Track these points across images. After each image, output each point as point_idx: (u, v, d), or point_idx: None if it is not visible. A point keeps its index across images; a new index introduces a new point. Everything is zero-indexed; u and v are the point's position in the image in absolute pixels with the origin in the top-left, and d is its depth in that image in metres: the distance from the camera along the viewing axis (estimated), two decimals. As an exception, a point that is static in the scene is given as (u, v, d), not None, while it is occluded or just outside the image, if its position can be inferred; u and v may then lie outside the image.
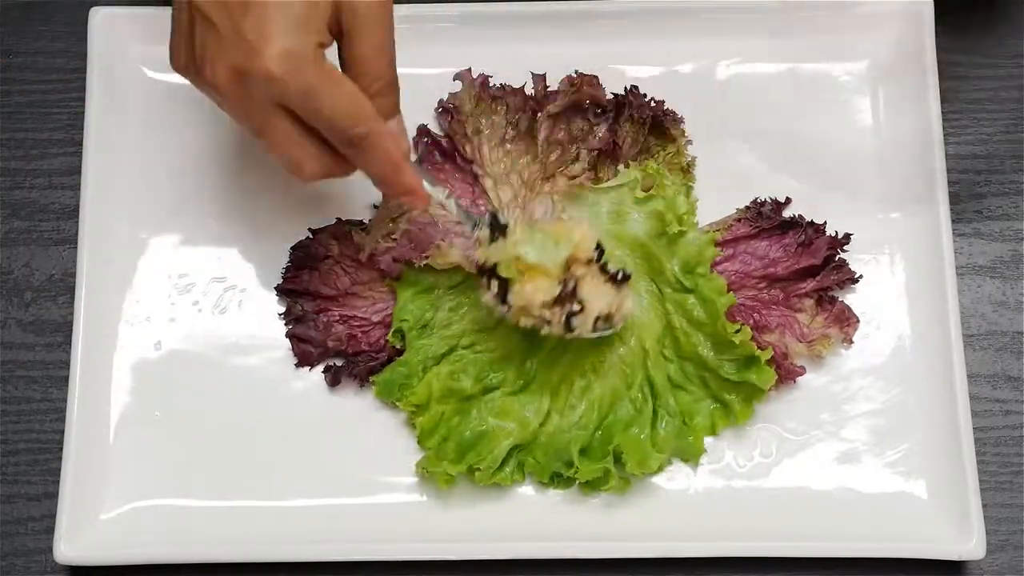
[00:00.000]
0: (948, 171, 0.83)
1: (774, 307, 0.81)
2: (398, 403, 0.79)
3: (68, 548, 0.76)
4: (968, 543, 0.76)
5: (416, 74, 0.85)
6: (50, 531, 0.77)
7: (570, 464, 0.78)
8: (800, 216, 0.82)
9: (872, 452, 0.80)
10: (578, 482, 0.78)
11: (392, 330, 0.81)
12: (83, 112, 0.83)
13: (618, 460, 0.77)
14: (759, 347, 0.78)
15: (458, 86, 0.84)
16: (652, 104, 0.83)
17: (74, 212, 0.84)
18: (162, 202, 0.84)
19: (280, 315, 0.82)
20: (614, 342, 0.80)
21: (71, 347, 0.80)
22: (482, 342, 0.81)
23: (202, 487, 0.79)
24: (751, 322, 0.80)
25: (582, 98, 0.83)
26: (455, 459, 0.77)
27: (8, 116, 0.87)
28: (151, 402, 0.81)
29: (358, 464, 0.80)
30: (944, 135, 0.83)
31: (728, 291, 0.79)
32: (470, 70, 0.84)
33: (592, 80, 0.83)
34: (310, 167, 0.69)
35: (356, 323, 0.81)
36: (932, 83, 0.83)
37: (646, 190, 0.81)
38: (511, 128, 0.83)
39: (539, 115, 0.83)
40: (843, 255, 0.82)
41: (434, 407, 0.79)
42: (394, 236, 0.81)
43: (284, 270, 0.82)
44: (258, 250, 0.83)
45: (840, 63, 0.86)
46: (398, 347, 0.81)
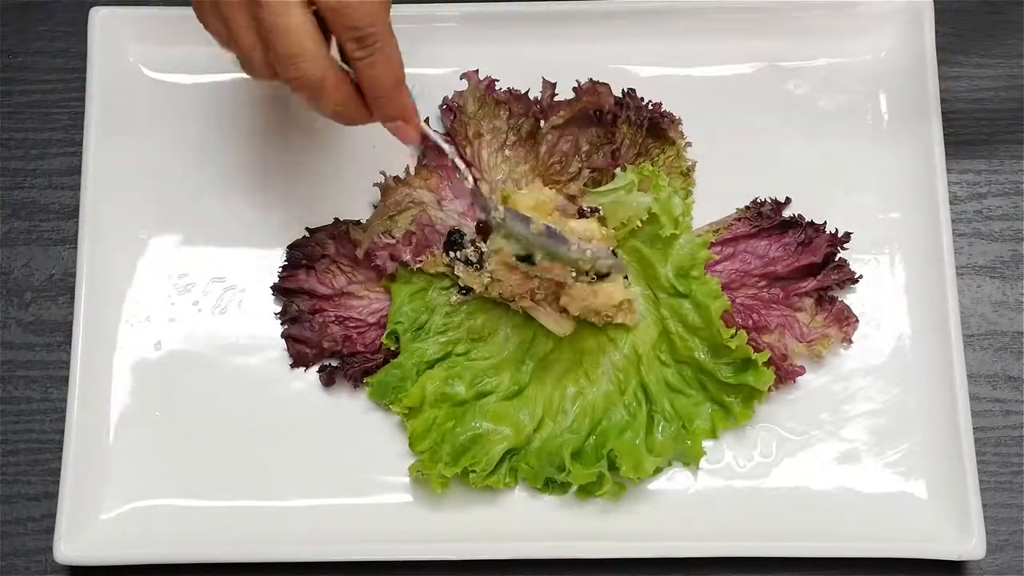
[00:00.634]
0: (948, 171, 0.83)
1: (774, 306, 0.81)
2: (391, 405, 0.80)
3: (68, 548, 0.76)
4: (968, 543, 0.76)
5: (418, 74, 0.85)
6: (50, 531, 0.77)
7: (562, 469, 0.78)
8: (800, 216, 0.82)
9: (872, 452, 0.80)
10: (573, 488, 0.78)
11: (386, 332, 0.81)
12: (83, 112, 0.83)
13: (612, 465, 0.77)
14: (758, 348, 0.78)
15: (463, 85, 0.84)
16: (650, 107, 0.83)
17: (74, 212, 0.84)
18: (162, 202, 0.84)
19: (276, 314, 0.82)
20: (607, 348, 0.80)
21: (71, 347, 0.80)
22: (476, 350, 0.81)
23: (202, 487, 0.79)
24: (750, 322, 0.80)
25: (586, 108, 0.83)
26: (449, 462, 0.77)
27: (8, 116, 0.87)
28: (151, 402, 0.81)
29: (357, 464, 0.80)
30: (944, 135, 0.83)
31: (724, 292, 0.78)
32: (477, 71, 0.84)
33: (596, 89, 0.82)
34: (315, 66, 0.67)
35: (352, 324, 0.81)
36: (932, 83, 0.83)
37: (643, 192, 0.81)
38: (512, 133, 0.83)
39: (542, 125, 0.83)
40: (843, 255, 0.82)
41: (427, 411, 0.79)
42: (392, 234, 0.81)
43: (280, 269, 0.82)
44: (258, 250, 0.83)
45: (840, 63, 0.86)
46: (392, 349, 0.81)
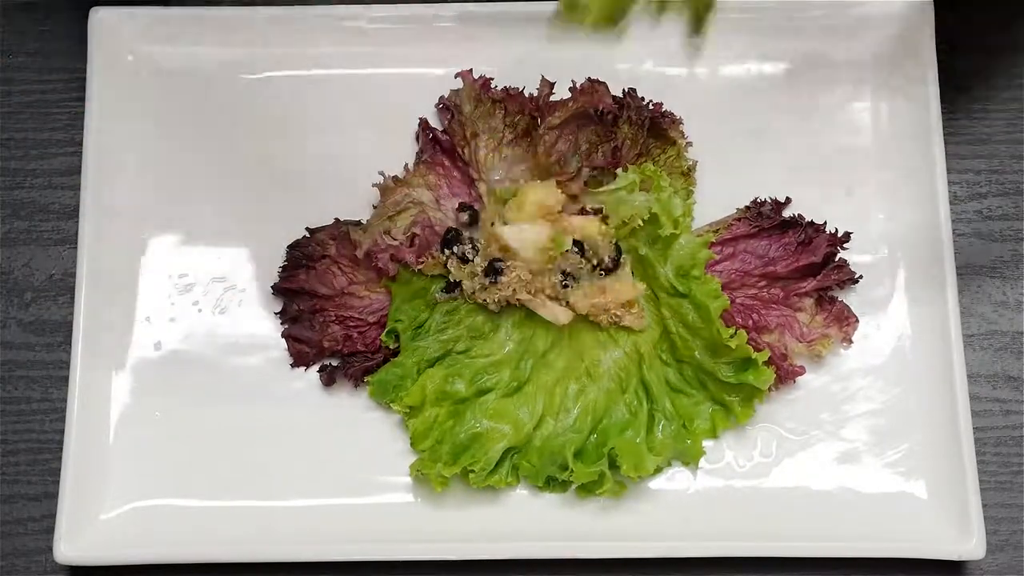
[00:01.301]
0: (948, 171, 0.83)
1: (774, 306, 0.81)
2: (392, 404, 0.80)
3: (68, 548, 0.76)
4: (968, 543, 0.76)
5: (417, 74, 0.86)
6: (50, 531, 0.77)
7: (564, 467, 0.78)
8: (800, 216, 0.82)
9: (872, 452, 0.80)
10: (574, 487, 0.78)
11: (386, 330, 0.81)
12: (83, 112, 0.83)
13: (613, 464, 0.77)
14: (758, 347, 0.78)
15: (459, 84, 0.84)
16: (650, 106, 0.83)
17: (74, 212, 0.84)
18: (162, 202, 0.84)
19: (276, 314, 0.82)
20: (609, 346, 0.80)
21: (71, 347, 0.80)
22: (477, 347, 0.81)
23: (202, 487, 0.79)
24: (750, 322, 0.80)
25: (584, 107, 0.83)
26: (449, 461, 0.77)
27: (8, 116, 0.87)
28: (151, 402, 0.81)
29: (357, 464, 0.80)
30: (944, 135, 0.83)
31: (724, 292, 0.79)
32: (471, 71, 0.84)
33: (594, 88, 0.82)
34: None
35: (352, 323, 0.81)
36: (932, 83, 0.83)
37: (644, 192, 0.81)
38: (509, 131, 0.83)
39: (540, 124, 0.83)
40: (843, 255, 0.82)
41: (428, 409, 0.79)
42: (392, 235, 0.81)
43: (281, 269, 0.82)
44: (258, 250, 0.83)
45: (840, 62, 0.86)
46: (392, 348, 0.81)
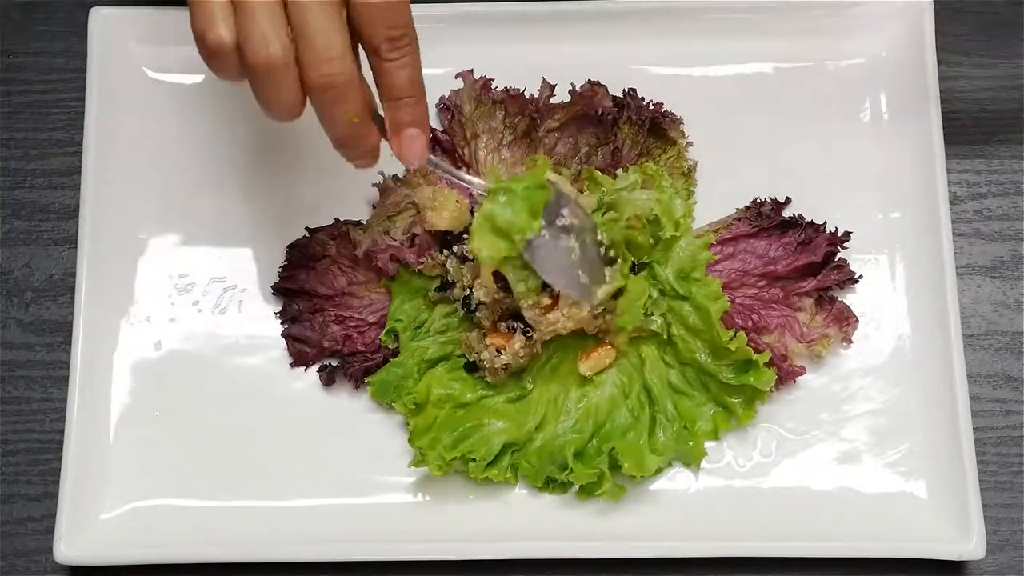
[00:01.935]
0: (948, 171, 0.83)
1: (774, 306, 0.81)
2: (393, 404, 0.79)
3: (68, 548, 0.76)
4: (968, 543, 0.76)
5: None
6: (50, 531, 0.77)
7: (564, 467, 0.77)
8: (800, 216, 0.82)
9: (872, 452, 0.80)
10: (574, 488, 0.78)
11: (385, 329, 0.81)
12: (83, 112, 0.83)
13: (614, 465, 0.77)
14: (758, 348, 0.78)
15: (459, 84, 0.84)
16: (651, 106, 0.83)
17: (74, 212, 0.84)
18: (162, 202, 0.84)
19: (276, 314, 0.82)
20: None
21: (71, 347, 0.80)
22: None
23: (202, 487, 0.79)
24: (750, 322, 0.80)
25: (583, 109, 0.83)
26: (449, 445, 0.77)
27: (8, 116, 0.87)
28: (151, 402, 0.81)
29: (357, 464, 0.80)
30: (944, 135, 0.83)
31: (724, 292, 0.78)
32: (472, 71, 0.84)
33: (593, 90, 0.82)
34: (347, 65, 0.65)
35: (352, 323, 0.81)
36: (932, 83, 0.83)
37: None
38: (509, 132, 0.83)
39: (540, 126, 0.83)
40: (843, 255, 0.82)
41: (430, 409, 0.79)
42: (391, 235, 0.81)
43: (281, 269, 0.82)
44: (258, 250, 0.83)
45: (840, 63, 0.86)
46: (392, 347, 0.81)
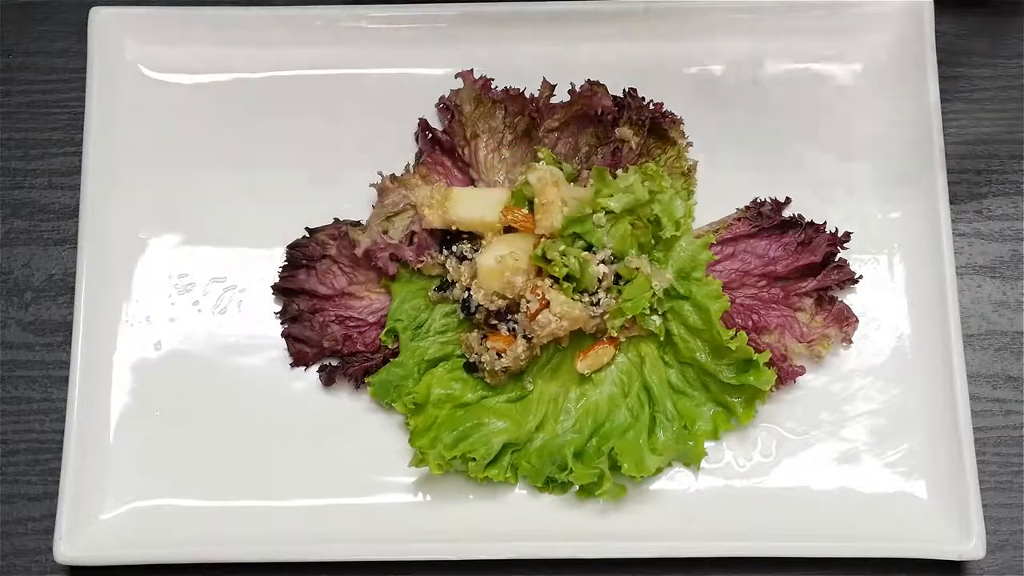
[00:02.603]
0: (948, 171, 0.83)
1: (774, 306, 0.81)
2: (393, 404, 0.79)
3: (68, 548, 0.76)
4: (968, 543, 0.76)
5: (417, 73, 0.86)
6: (50, 531, 0.77)
7: (564, 468, 0.77)
8: (800, 216, 0.82)
9: (872, 452, 0.80)
10: (574, 489, 0.78)
11: (385, 329, 0.81)
12: (83, 112, 0.83)
13: (614, 465, 0.77)
14: (758, 348, 0.78)
15: (459, 84, 0.84)
16: (651, 106, 0.83)
17: (74, 212, 0.84)
18: (162, 202, 0.84)
19: (276, 314, 0.82)
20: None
21: (71, 347, 0.80)
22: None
23: (202, 487, 0.79)
24: (750, 322, 0.80)
25: (583, 110, 0.83)
26: (450, 444, 0.77)
27: (8, 116, 0.87)
28: (151, 402, 0.81)
29: (357, 464, 0.80)
30: (944, 135, 0.83)
31: (724, 292, 0.78)
32: (472, 71, 0.84)
33: (593, 90, 0.82)
34: None
35: (352, 323, 0.81)
36: (932, 83, 0.83)
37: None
38: (509, 132, 0.83)
39: (540, 126, 0.83)
40: (843, 255, 0.82)
41: (430, 409, 0.79)
42: (390, 235, 0.81)
43: (281, 269, 0.82)
44: (258, 250, 0.83)
45: (840, 63, 0.86)
46: (392, 347, 0.81)
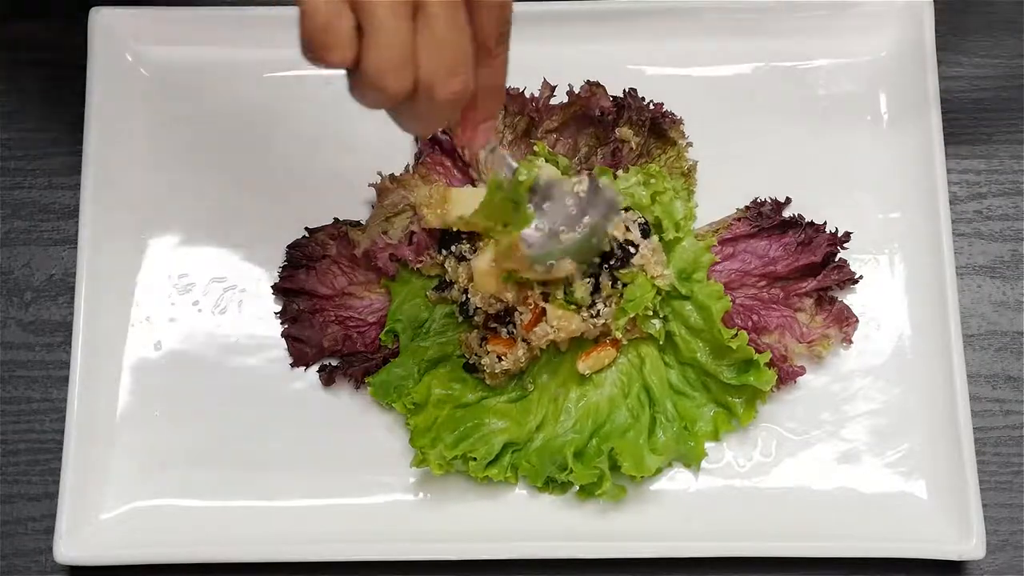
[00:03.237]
0: (948, 171, 0.83)
1: (774, 306, 0.81)
2: (394, 404, 0.79)
3: (68, 548, 0.76)
4: (968, 543, 0.76)
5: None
6: (50, 531, 0.77)
7: (564, 468, 0.77)
8: (800, 216, 0.82)
9: (872, 452, 0.80)
10: (574, 489, 0.78)
11: (385, 329, 0.81)
12: (83, 112, 0.83)
13: (614, 465, 0.77)
14: (758, 348, 0.78)
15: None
16: (651, 107, 0.83)
17: (74, 212, 0.84)
18: (162, 202, 0.84)
19: (276, 314, 0.82)
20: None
21: (71, 347, 0.80)
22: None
23: (202, 487, 0.79)
24: (750, 323, 0.80)
25: (581, 110, 0.83)
26: (451, 444, 0.77)
27: (8, 116, 0.87)
28: (151, 402, 0.81)
29: (357, 464, 0.80)
30: (944, 135, 0.83)
31: (725, 293, 0.78)
32: (471, 71, 0.84)
33: (592, 90, 0.82)
34: (471, 79, 0.60)
35: (352, 323, 0.81)
36: (932, 83, 0.83)
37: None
38: (509, 132, 0.83)
39: (539, 126, 0.83)
40: (843, 255, 0.82)
41: (430, 410, 0.79)
42: (389, 235, 0.81)
43: (281, 269, 0.82)
44: (258, 250, 0.83)
45: (840, 63, 0.86)
46: (392, 347, 0.81)
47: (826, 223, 0.82)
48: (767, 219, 0.82)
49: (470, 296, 0.78)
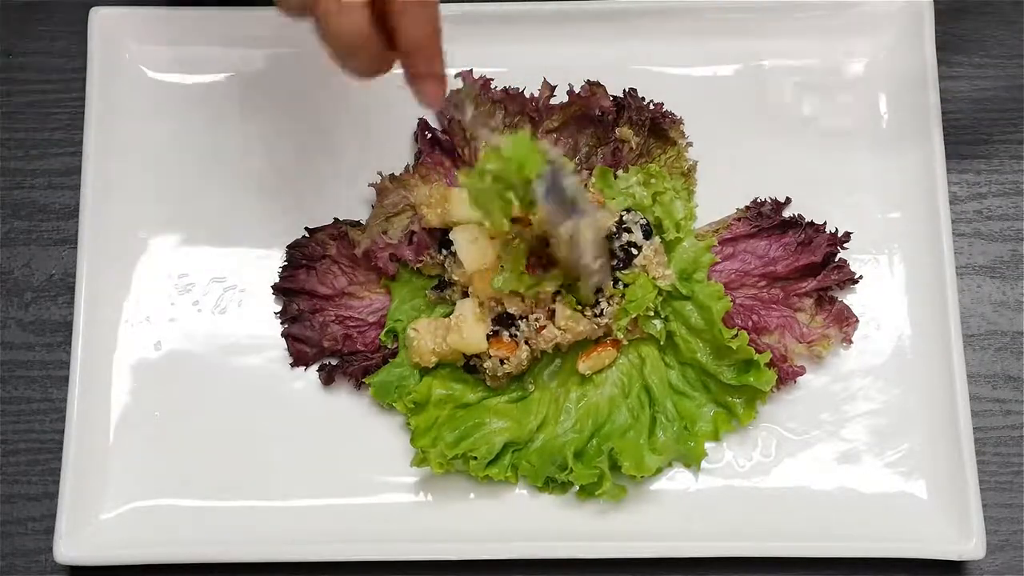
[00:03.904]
0: (948, 171, 0.83)
1: (774, 307, 0.81)
2: (394, 404, 0.79)
3: (68, 548, 0.76)
4: (968, 543, 0.76)
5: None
6: (50, 531, 0.77)
7: (564, 468, 0.77)
8: (800, 216, 0.82)
9: (872, 452, 0.80)
10: (574, 489, 0.78)
11: (385, 329, 0.81)
12: (83, 112, 0.83)
13: (614, 465, 0.77)
14: (758, 348, 0.78)
15: (459, 84, 0.84)
16: (651, 107, 0.83)
17: (74, 212, 0.84)
18: (162, 202, 0.84)
19: (276, 314, 0.82)
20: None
21: (71, 347, 0.80)
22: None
23: (202, 487, 0.79)
24: (750, 323, 0.80)
25: (581, 111, 0.83)
26: (451, 443, 0.77)
27: (8, 116, 0.87)
28: (151, 402, 0.81)
29: (357, 464, 0.80)
30: (944, 135, 0.83)
31: (725, 293, 0.78)
32: (471, 71, 0.84)
33: (591, 90, 0.82)
34: (361, 27, 0.64)
35: (352, 323, 0.81)
36: (932, 83, 0.83)
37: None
38: (509, 132, 0.83)
39: (540, 127, 0.83)
40: (843, 255, 0.82)
41: (431, 410, 0.79)
42: (389, 235, 0.81)
43: (281, 269, 0.82)
44: (258, 250, 0.83)
45: (840, 63, 0.86)
46: (392, 347, 0.81)
47: (826, 223, 0.82)
48: (767, 219, 0.82)
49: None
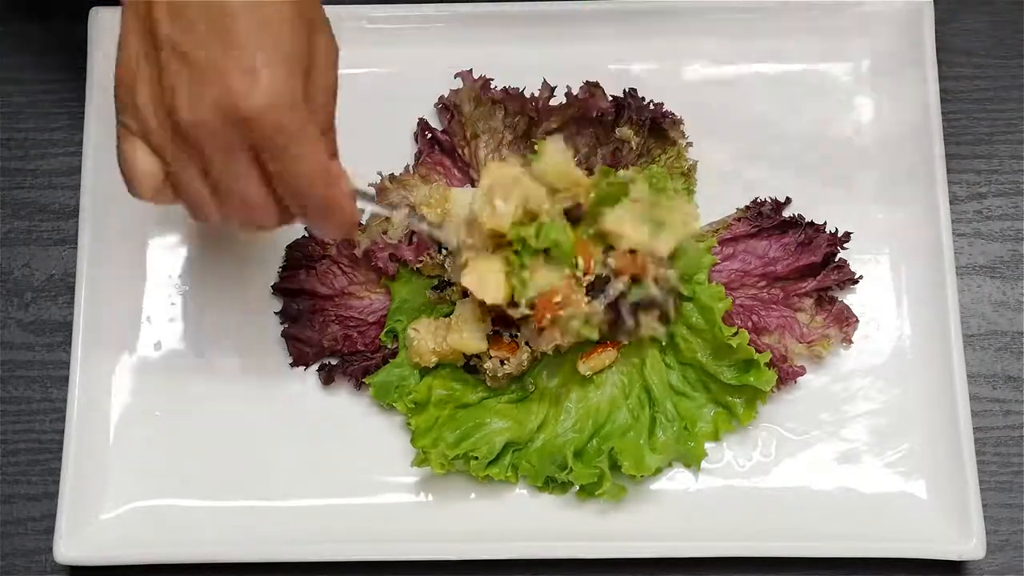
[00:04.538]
0: (948, 171, 0.83)
1: (773, 307, 0.81)
2: (395, 404, 0.79)
3: (68, 548, 0.76)
4: (968, 543, 0.76)
5: (416, 73, 0.86)
6: (50, 531, 0.77)
7: (564, 467, 0.77)
8: (800, 216, 0.82)
9: (872, 452, 0.80)
10: (574, 489, 0.78)
11: (385, 329, 0.81)
12: (83, 112, 0.83)
13: (615, 465, 0.77)
14: (758, 349, 0.78)
15: (459, 84, 0.84)
16: (651, 106, 0.83)
17: (74, 212, 0.84)
18: (162, 202, 0.84)
19: (276, 314, 0.82)
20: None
21: (71, 347, 0.80)
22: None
23: (202, 487, 0.79)
24: (750, 323, 0.80)
25: (580, 111, 0.83)
26: (452, 443, 0.77)
27: (8, 116, 0.87)
28: (151, 402, 0.81)
29: (357, 464, 0.80)
30: (944, 135, 0.83)
31: (727, 293, 0.78)
32: (471, 71, 0.84)
33: (591, 91, 0.82)
34: (269, 218, 0.64)
35: (352, 323, 0.81)
36: (932, 82, 0.83)
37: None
38: (509, 132, 0.83)
39: (539, 127, 0.83)
40: (843, 255, 0.82)
41: (431, 410, 0.79)
42: (388, 235, 0.81)
43: (281, 269, 0.82)
44: (258, 250, 0.83)
45: (840, 63, 0.86)
46: (392, 347, 0.81)
47: (826, 223, 0.82)
48: (767, 219, 0.82)
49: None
